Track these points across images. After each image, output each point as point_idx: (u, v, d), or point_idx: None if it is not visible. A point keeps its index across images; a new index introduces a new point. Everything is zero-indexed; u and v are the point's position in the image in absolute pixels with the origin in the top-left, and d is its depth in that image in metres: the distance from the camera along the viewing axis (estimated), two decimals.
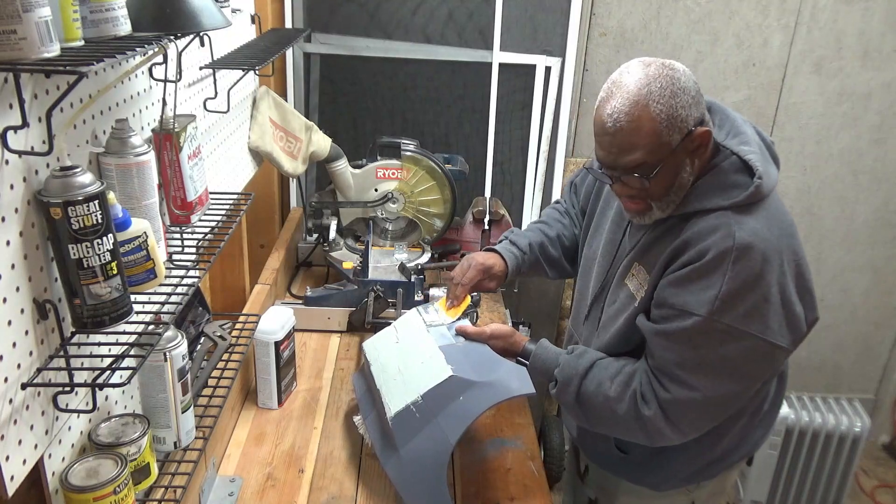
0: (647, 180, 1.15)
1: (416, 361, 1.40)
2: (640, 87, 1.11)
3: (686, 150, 1.14)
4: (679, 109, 1.11)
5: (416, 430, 1.29)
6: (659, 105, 1.10)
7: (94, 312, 0.83)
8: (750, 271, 1.10)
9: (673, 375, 1.18)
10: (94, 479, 0.89)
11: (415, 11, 2.29)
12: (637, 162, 1.14)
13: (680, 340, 1.16)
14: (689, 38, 2.38)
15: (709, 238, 1.13)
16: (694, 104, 1.13)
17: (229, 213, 1.34)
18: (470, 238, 2.28)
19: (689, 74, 1.14)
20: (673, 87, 1.11)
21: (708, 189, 1.17)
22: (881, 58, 2.43)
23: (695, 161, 1.17)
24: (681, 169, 1.16)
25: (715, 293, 1.11)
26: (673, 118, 1.11)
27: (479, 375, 1.30)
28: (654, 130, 1.11)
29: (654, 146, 1.12)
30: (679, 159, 1.15)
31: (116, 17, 0.87)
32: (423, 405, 1.29)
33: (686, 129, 1.12)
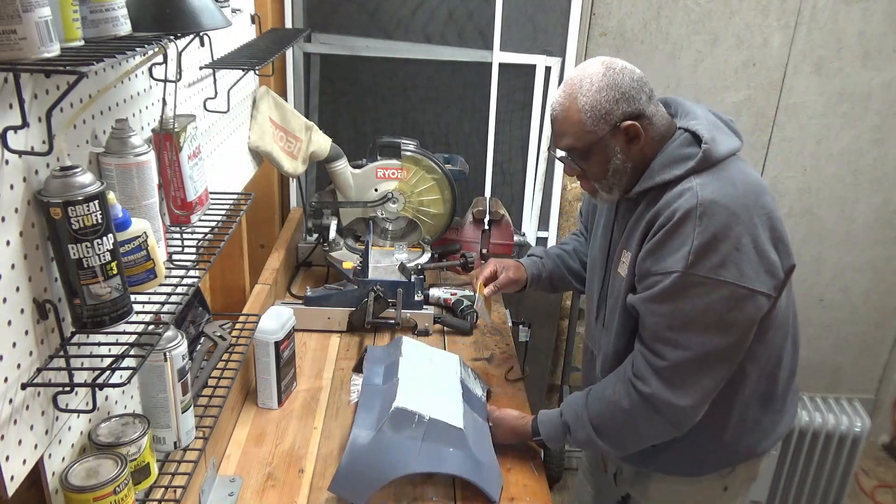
0: (578, 163, 1.31)
1: (441, 393, 1.47)
2: (574, 81, 1.27)
3: (616, 139, 1.26)
4: (604, 103, 1.24)
5: (399, 433, 1.33)
6: (584, 97, 1.24)
7: (94, 312, 0.83)
8: (718, 223, 1.18)
9: (665, 339, 1.24)
10: (94, 479, 0.89)
11: (415, 11, 2.29)
12: (567, 146, 1.30)
13: (664, 301, 1.23)
14: (689, 38, 2.38)
15: (675, 203, 1.21)
16: (624, 100, 1.24)
17: (229, 213, 1.34)
18: (470, 238, 2.28)
19: (629, 73, 1.26)
20: (601, 83, 1.24)
21: (663, 164, 1.27)
22: (881, 58, 2.43)
23: (630, 149, 1.27)
24: (612, 155, 1.27)
25: (688, 248, 1.18)
26: (596, 110, 1.24)
27: (475, 449, 1.36)
28: (579, 120, 1.25)
29: (580, 133, 1.26)
30: (608, 147, 1.27)
31: (116, 17, 0.87)
32: (426, 425, 1.34)
33: (612, 122, 1.25)
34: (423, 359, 1.59)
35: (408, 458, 1.31)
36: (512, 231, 2.29)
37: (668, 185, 1.25)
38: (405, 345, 1.60)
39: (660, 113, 1.30)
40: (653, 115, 1.28)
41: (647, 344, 1.28)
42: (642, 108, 1.26)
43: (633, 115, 1.26)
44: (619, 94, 1.24)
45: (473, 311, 1.96)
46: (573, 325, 2.66)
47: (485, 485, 1.32)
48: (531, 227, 2.53)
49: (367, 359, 1.58)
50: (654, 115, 1.28)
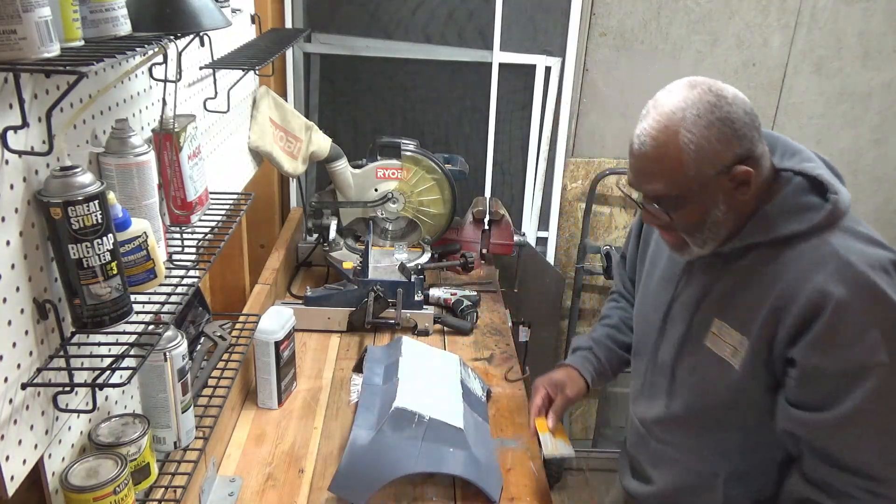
0: (668, 213, 1.05)
1: (441, 393, 1.47)
2: (674, 110, 1.00)
3: (721, 187, 1.01)
4: (714, 142, 0.98)
5: (399, 433, 1.34)
6: (690, 134, 0.98)
7: (94, 312, 0.83)
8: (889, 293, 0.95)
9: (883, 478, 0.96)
10: (94, 479, 0.89)
11: (415, 11, 2.29)
12: (657, 192, 1.04)
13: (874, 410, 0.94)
14: (689, 38, 2.38)
15: (819, 274, 0.97)
16: (737, 138, 0.99)
17: (229, 213, 1.34)
18: (470, 238, 2.28)
19: (741, 104, 1.01)
20: (712, 116, 0.98)
21: (777, 216, 1.03)
22: (881, 58, 2.43)
23: (735, 199, 1.03)
24: (712, 206, 1.03)
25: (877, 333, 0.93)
26: (704, 150, 0.99)
27: (475, 449, 1.36)
28: (680, 161, 0.99)
29: (678, 178, 1.01)
30: (710, 196, 1.02)
31: (116, 17, 0.87)
32: (426, 425, 1.34)
33: (721, 165, 0.99)
34: (423, 359, 1.59)
35: (408, 458, 1.31)
36: (512, 231, 2.29)
37: (786, 241, 1.02)
38: (405, 345, 1.60)
39: (766, 151, 1.06)
40: (762, 154, 1.04)
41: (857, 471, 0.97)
42: (754, 149, 1.02)
43: (746, 158, 1.00)
44: (733, 131, 0.99)
45: (474, 311, 1.96)
46: (573, 325, 2.66)
47: (485, 485, 1.32)
48: (531, 227, 2.53)
49: (367, 359, 1.58)
50: (763, 154, 1.04)
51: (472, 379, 1.63)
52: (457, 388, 1.50)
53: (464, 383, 1.54)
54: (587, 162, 2.53)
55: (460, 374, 1.56)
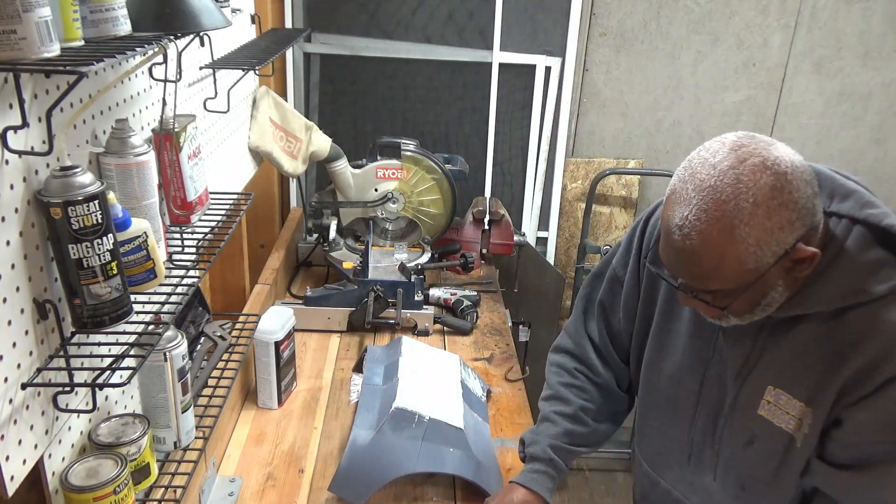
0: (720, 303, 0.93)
1: (441, 393, 1.47)
2: (725, 199, 0.83)
3: (780, 270, 0.88)
4: (776, 231, 0.84)
5: (399, 433, 1.34)
6: (748, 228, 0.83)
7: (94, 312, 0.83)
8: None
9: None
10: (94, 479, 0.89)
11: (415, 11, 2.29)
12: (709, 289, 0.92)
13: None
14: (689, 38, 2.38)
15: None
16: (800, 219, 0.85)
17: (229, 213, 1.34)
18: (470, 238, 2.28)
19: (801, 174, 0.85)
20: (772, 203, 0.83)
21: (845, 279, 0.90)
22: (881, 58, 2.43)
23: (793, 278, 0.91)
24: (770, 290, 0.90)
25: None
26: (765, 242, 0.85)
27: (475, 449, 1.36)
28: (738, 259, 0.86)
29: (735, 276, 0.88)
30: (768, 283, 0.89)
31: (116, 17, 0.87)
32: (426, 425, 1.35)
33: (783, 250, 0.86)
34: (423, 359, 1.59)
35: (408, 458, 1.31)
36: (512, 231, 2.29)
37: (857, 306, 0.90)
38: (405, 345, 1.60)
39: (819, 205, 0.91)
40: (820, 220, 0.90)
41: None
42: (815, 221, 0.88)
43: (807, 235, 0.87)
44: (796, 214, 0.85)
45: (473, 310, 1.96)
46: None
47: (485, 484, 1.32)
48: (531, 227, 2.53)
49: (367, 359, 1.58)
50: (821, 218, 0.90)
51: (472, 379, 1.63)
52: (457, 388, 1.50)
53: (464, 383, 1.54)
54: (587, 162, 2.53)
55: (460, 374, 1.56)
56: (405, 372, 1.49)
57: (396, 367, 1.51)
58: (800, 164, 0.86)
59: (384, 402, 1.41)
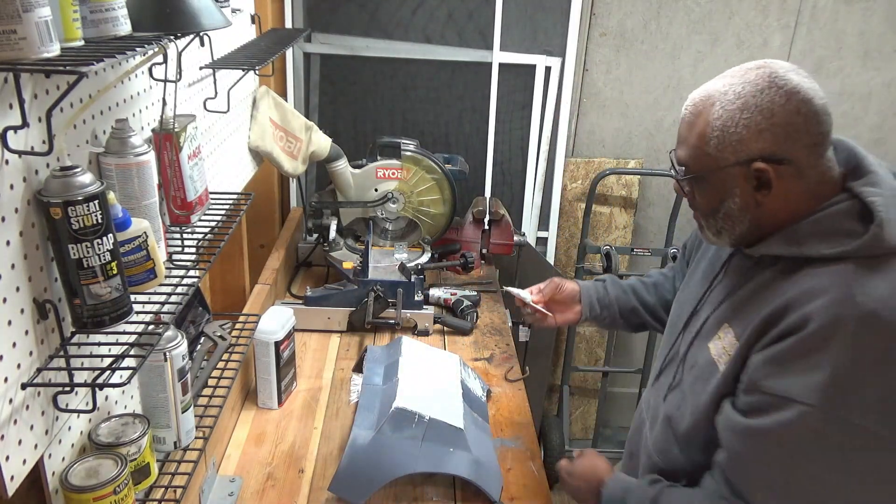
0: (683, 183, 1.04)
1: (441, 393, 1.47)
2: (721, 85, 0.97)
3: (738, 179, 0.96)
4: (742, 128, 0.93)
5: (400, 433, 1.34)
6: (721, 110, 0.95)
7: (94, 312, 0.83)
8: (877, 349, 0.86)
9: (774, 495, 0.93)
10: (94, 479, 0.89)
11: (415, 11, 2.29)
12: (680, 158, 1.03)
13: (781, 442, 0.91)
14: (689, 38, 2.38)
15: (818, 299, 0.89)
16: (771, 132, 0.92)
17: (229, 213, 1.34)
18: (470, 238, 2.28)
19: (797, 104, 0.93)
20: (748, 101, 0.93)
21: (809, 234, 0.95)
22: (881, 58, 2.43)
23: (754, 200, 0.97)
24: (726, 196, 0.98)
25: (826, 376, 0.87)
26: (727, 133, 0.94)
27: (474, 448, 1.36)
28: (703, 135, 0.97)
29: (698, 152, 0.99)
30: (725, 184, 0.98)
31: (116, 17, 0.87)
32: (426, 425, 1.34)
33: (743, 155, 0.94)
34: (423, 359, 1.59)
35: (408, 458, 1.31)
36: (512, 231, 2.29)
37: (810, 261, 0.94)
38: (405, 345, 1.60)
39: (823, 167, 0.96)
40: (809, 167, 0.95)
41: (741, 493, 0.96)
42: (794, 153, 0.93)
43: (775, 158, 0.93)
44: (768, 124, 0.92)
45: (474, 310, 1.96)
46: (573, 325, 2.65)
47: (485, 485, 1.32)
48: (531, 227, 2.53)
49: (367, 359, 1.58)
50: (812, 167, 0.95)
51: (472, 379, 1.63)
52: (457, 388, 1.50)
53: (464, 383, 1.54)
54: (587, 162, 2.53)
55: (460, 373, 1.56)
56: (405, 372, 1.49)
57: (396, 367, 1.51)
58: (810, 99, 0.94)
59: (384, 402, 1.41)
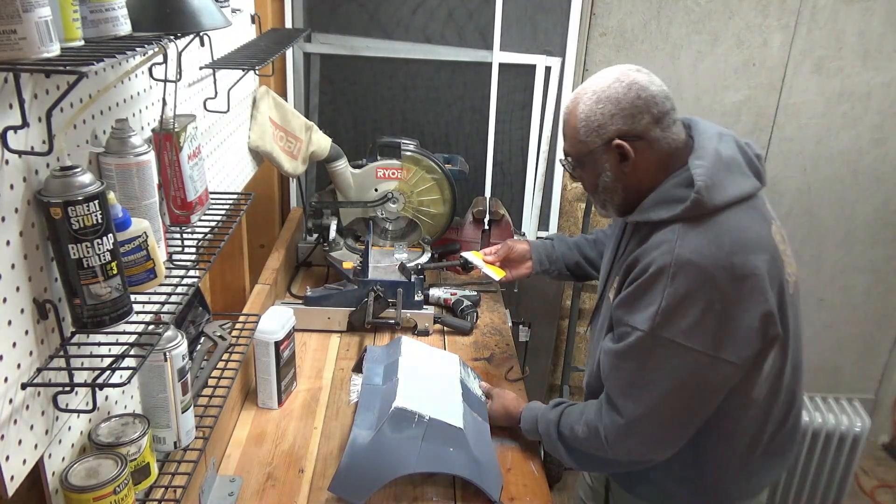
0: (574, 171, 1.30)
1: (441, 393, 1.47)
2: (583, 87, 1.25)
3: (608, 156, 1.22)
4: (599, 116, 1.20)
5: (399, 433, 1.34)
6: (584, 106, 1.22)
7: (94, 312, 0.83)
8: (690, 285, 1.12)
9: (626, 395, 1.21)
10: (94, 479, 0.89)
11: (415, 11, 2.29)
12: (565, 150, 1.30)
13: (627, 357, 1.20)
14: (689, 38, 2.38)
15: (653, 253, 1.16)
16: (621, 117, 1.19)
17: (229, 213, 1.34)
18: (470, 238, 2.28)
19: (639, 91, 1.19)
20: (601, 95, 1.20)
21: (655, 201, 1.21)
22: (881, 58, 2.43)
23: (621, 171, 1.23)
24: (601, 171, 1.24)
25: (655, 308, 1.14)
26: (590, 122, 1.21)
27: (475, 448, 1.37)
28: (574, 128, 1.24)
29: (574, 142, 1.26)
30: (598, 161, 1.24)
31: (116, 17, 0.87)
32: (426, 425, 1.34)
33: (605, 136, 1.21)
34: (422, 358, 1.59)
35: (408, 458, 1.31)
36: (512, 231, 2.29)
37: (657, 225, 1.19)
38: (405, 345, 1.60)
39: (669, 139, 1.22)
40: (656, 139, 1.21)
41: (608, 395, 1.25)
42: (642, 129, 1.20)
43: (629, 135, 1.20)
44: (617, 109, 1.19)
45: (474, 310, 1.96)
46: (573, 325, 2.66)
47: (485, 485, 1.32)
48: (531, 227, 2.53)
49: (367, 359, 1.58)
50: (659, 139, 1.21)
51: (472, 379, 1.63)
52: (457, 388, 1.50)
53: (464, 383, 1.54)
54: None
55: (460, 373, 1.56)
56: (405, 372, 1.49)
57: (396, 366, 1.50)
58: (645, 86, 1.19)
59: (384, 402, 1.41)
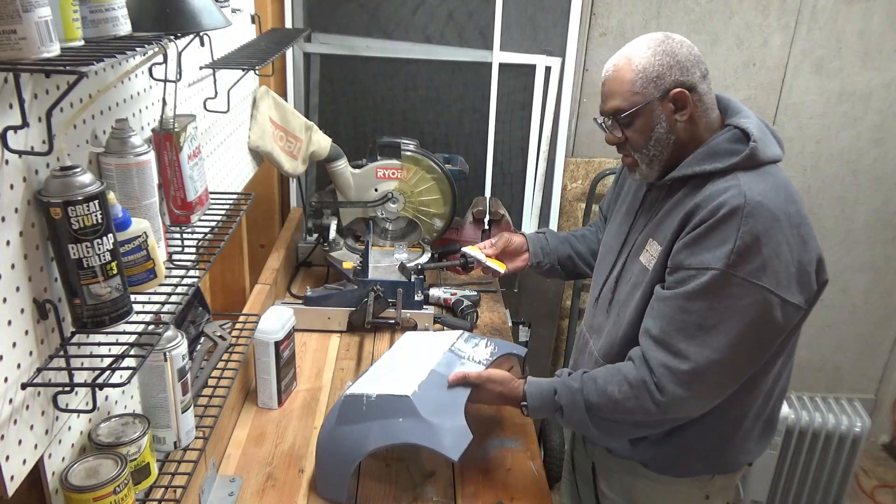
0: (622, 127, 1.28)
1: (407, 368, 1.44)
2: (632, 45, 1.27)
3: (663, 106, 1.25)
4: (657, 67, 1.23)
5: (354, 420, 1.33)
6: (639, 59, 1.25)
7: (94, 312, 0.83)
8: (762, 227, 1.15)
9: (692, 337, 1.19)
10: (94, 479, 0.89)
11: (415, 11, 2.29)
12: (614, 107, 1.28)
13: (697, 297, 1.18)
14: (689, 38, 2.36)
15: (721, 196, 1.18)
16: (679, 68, 1.24)
17: (229, 213, 1.34)
18: (470, 238, 2.28)
19: (688, 48, 1.26)
20: (658, 48, 1.24)
21: (707, 154, 1.25)
22: (881, 58, 2.43)
23: (675, 121, 1.26)
24: (656, 123, 1.26)
25: (730, 247, 1.15)
26: (648, 72, 1.24)
27: (429, 413, 1.31)
28: (630, 80, 1.25)
29: (629, 94, 1.25)
30: (654, 113, 1.25)
31: (116, 17, 0.87)
32: (373, 403, 1.32)
33: (663, 87, 1.24)
34: (412, 345, 1.56)
35: (362, 440, 1.30)
36: (512, 231, 2.29)
37: (709, 176, 1.23)
38: (402, 340, 1.60)
39: (711, 96, 1.29)
40: (704, 93, 1.27)
41: (667, 343, 1.21)
42: (695, 82, 1.25)
43: (685, 86, 1.24)
44: (675, 61, 1.24)
45: (474, 310, 1.96)
46: (573, 325, 2.66)
47: (438, 446, 1.27)
48: (531, 227, 2.53)
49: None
50: (706, 93, 1.27)
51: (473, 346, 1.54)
52: (430, 362, 1.44)
53: (456, 351, 1.48)
54: (587, 162, 2.53)
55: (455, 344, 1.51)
56: (379, 363, 1.48)
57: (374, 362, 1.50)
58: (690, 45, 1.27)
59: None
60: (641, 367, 1.24)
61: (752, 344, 1.20)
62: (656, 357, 1.22)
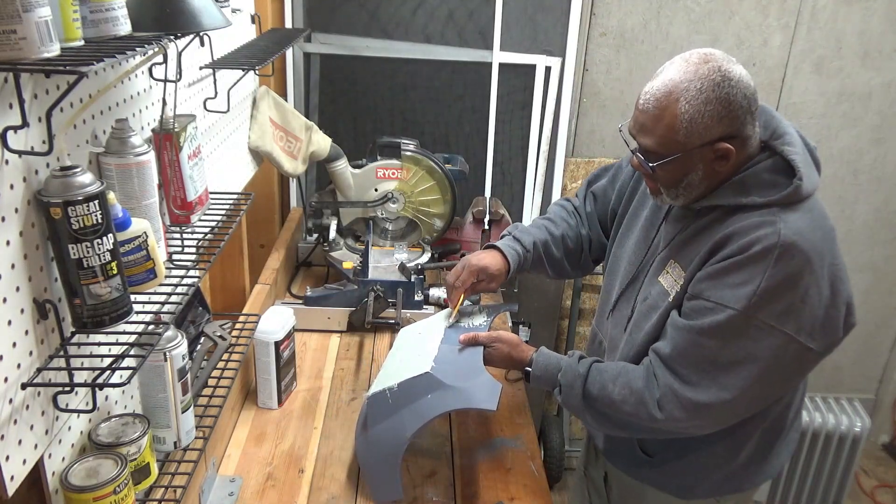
0: (650, 165, 1.18)
1: (415, 352, 1.43)
2: (681, 80, 1.12)
3: (702, 156, 1.15)
4: (706, 117, 1.11)
5: (384, 416, 1.33)
6: (687, 105, 1.11)
7: (94, 312, 0.83)
8: (792, 269, 1.09)
9: (704, 373, 1.16)
10: (94, 479, 0.89)
11: (415, 11, 2.29)
12: (648, 146, 1.17)
13: (713, 336, 1.14)
14: (689, 38, 2.38)
15: (753, 233, 1.12)
16: (730, 119, 1.11)
17: (229, 213, 1.34)
18: (470, 238, 2.28)
19: (743, 88, 1.12)
20: (710, 94, 1.10)
21: (746, 185, 1.16)
22: (881, 58, 2.43)
23: (713, 169, 1.16)
24: (690, 171, 1.17)
25: (753, 288, 1.10)
26: (696, 123, 1.11)
27: (453, 380, 1.31)
28: (672, 127, 1.13)
29: (667, 140, 1.14)
30: (691, 162, 1.15)
31: (116, 17, 0.87)
32: (398, 393, 1.32)
33: (707, 139, 1.13)
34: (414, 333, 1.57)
35: (399, 431, 1.30)
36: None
37: (745, 207, 1.16)
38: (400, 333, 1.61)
39: (756, 134, 1.17)
40: (749, 136, 1.16)
41: (677, 369, 1.18)
42: (743, 130, 1.14)
43: (731, 137, 1.13)
44: (728, 111, 1.11)
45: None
46: (573, 325, 2.66)
47: (474, 403, 1.28)
48: None
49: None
50: (751, 136, 1.16)
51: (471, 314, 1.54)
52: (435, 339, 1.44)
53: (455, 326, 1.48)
54: (587, 162, 2.53)
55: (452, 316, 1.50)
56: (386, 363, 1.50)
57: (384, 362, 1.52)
58: (747, 84, 1.13)
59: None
60: (649, 379, 1.21)
61: (764, 386, 1.17)
62: (664, 377, 1.20)
